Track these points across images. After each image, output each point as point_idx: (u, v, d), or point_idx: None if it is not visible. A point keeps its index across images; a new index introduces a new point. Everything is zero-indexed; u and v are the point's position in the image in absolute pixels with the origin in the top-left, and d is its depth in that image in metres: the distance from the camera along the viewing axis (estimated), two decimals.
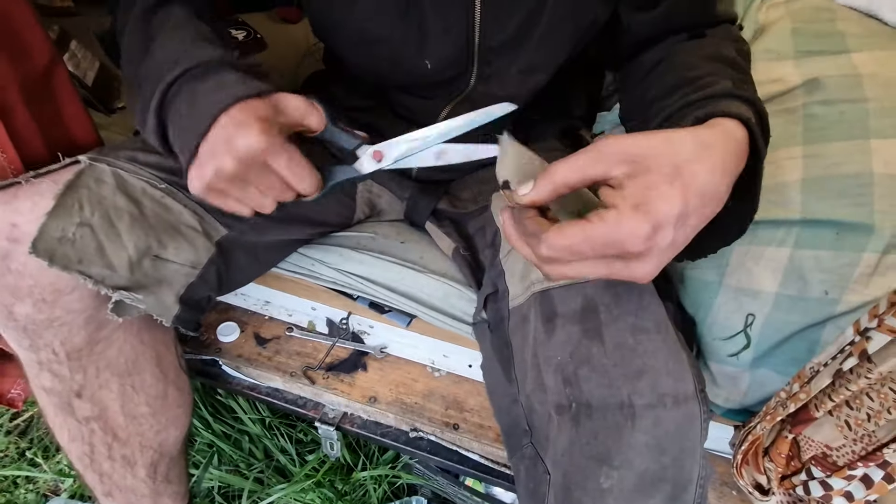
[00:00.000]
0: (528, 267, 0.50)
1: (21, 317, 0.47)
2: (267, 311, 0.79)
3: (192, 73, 0.40)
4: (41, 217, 0.44)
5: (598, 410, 0.42)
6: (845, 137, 0.49)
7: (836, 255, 0.45)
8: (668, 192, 0.30)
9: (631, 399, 0.41)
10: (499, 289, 0.55)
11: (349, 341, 0.76)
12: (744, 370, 0.52)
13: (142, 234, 0.48)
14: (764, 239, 0.50)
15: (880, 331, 0.32)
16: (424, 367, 0.75)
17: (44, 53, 0.50)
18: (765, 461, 0.47)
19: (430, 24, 0.51)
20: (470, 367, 0.74)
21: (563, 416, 0.45)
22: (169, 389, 0.62)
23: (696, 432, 0.42)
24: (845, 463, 0.40)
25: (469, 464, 0.69)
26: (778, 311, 0.48)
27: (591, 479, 0.43)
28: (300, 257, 0.68)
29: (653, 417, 0.41)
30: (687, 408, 0.41)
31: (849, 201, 0.45)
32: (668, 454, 0.41)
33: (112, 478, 0.61)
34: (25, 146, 0.50)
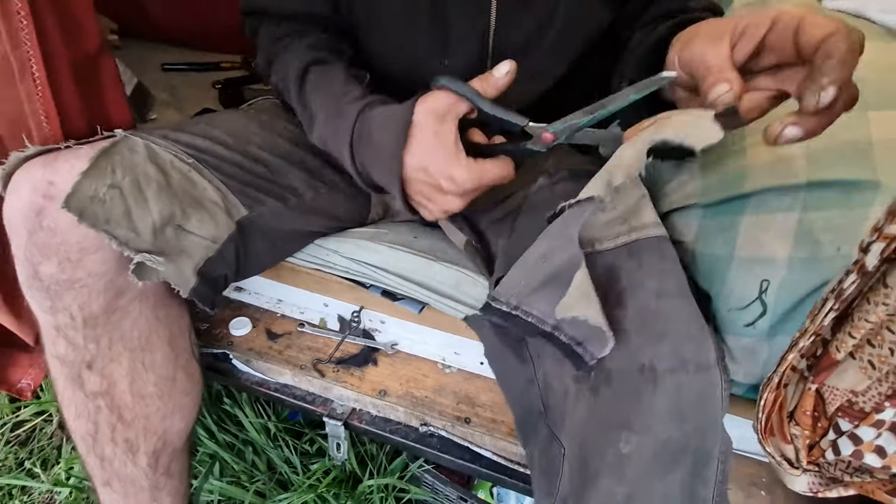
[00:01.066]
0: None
1: (46, 276, 0.49)
2: (279, 308, 0.80)
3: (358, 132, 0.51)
4: (76, 177, 0.46)
5: (617, 376, 0.42)
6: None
7: (845, 213, 0.46)
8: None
9: (652, 363, 0.40)
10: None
11: (360, 337, 0.75)
12: (761, 340, 0.51)
13: (167, 202, 0.50)
14: (772, 207, 0.51)
15: (878, 240, 0.33)
16: (435, 363, 0.74)
17: (95, 40, 0.55)
18: (790, 427, 0.45)
19: (453, 29, 0.56)
20: (481, 364, 0.73)
21: (582, 386, 0.44)
22: (178, 373, 0.61)
23: (717, 401, 0.41)
24: (872, 407, 0.39)
25: (482, 462, 0.66)
26: (792, 274, 0.48)
27: (611, 446, 0.41)
28: (315, 248, 0.69)
29: (675, 382, 0.40)
30: (709, 374, 0.41)
31: (852, 164, 0.47)
32: (689, 422, 0.40)
33: (113, 464, 0.60)
34: (69, 120, 0.54)
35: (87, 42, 0.54)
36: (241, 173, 0.57)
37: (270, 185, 0.59)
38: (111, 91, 0.60)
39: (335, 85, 0.55)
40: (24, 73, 0.50)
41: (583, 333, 0.40)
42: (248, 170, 0.58)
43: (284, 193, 0.60)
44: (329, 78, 0.56)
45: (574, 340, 0.41)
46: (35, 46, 0.49)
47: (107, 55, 0.57)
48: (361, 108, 0.51)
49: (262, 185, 0.58)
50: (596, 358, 0.40)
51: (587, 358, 0.40)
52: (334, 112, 0.53)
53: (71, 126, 0.55)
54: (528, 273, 0.44)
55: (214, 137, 0.58)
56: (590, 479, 0.41)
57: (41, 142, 0.53)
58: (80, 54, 0.54)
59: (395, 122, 0.48)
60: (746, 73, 0.40)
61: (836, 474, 0.47)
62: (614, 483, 0.41)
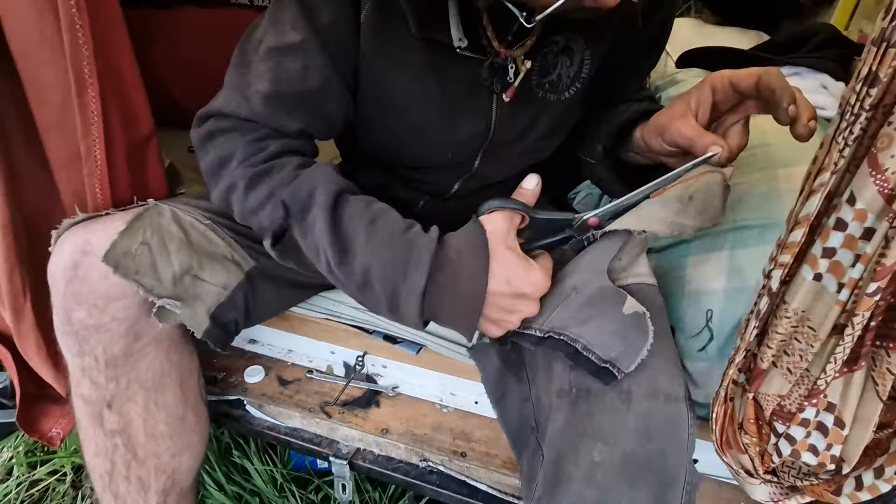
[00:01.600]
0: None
1: (76, 321, 0.56)
2: (289, 357, 0.87)
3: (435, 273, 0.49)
4: (111, 236, 0.55)
5: (596, 394, 0.49)
6: (759, 169, 0.63)
7: (763, 248, 0.55)
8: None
9: (630, 388, 0.47)
10: None
11: (363, 381, 0.82)
12: (713, 362, 0.59)
13: (186, 255, 0.58)
14: (709, 247, 0.61)
15: (776, 268, 0.42)
16: (433, 404, 0.80)
17: (146, 127, 0.67)
18: (742, 437, 0.52)
19: (460, 130, 0.62)
20: (476, 404, 0.79)
21: (562, 400, 0.51)
22: (188, 413, 0.68)
23: (682, 431, 0.47)
24: (797, 408, 0.46)
25: (479, 496, 0.71)
26: (728, 302, 0.57)
27: (584, 454, 0.48)
28: (321, 299, 0.78)
29: (646, 406, 0.47)
30: (677, 407, 0.48)
31: (765, 210, 0.58)
32: (654, 442, 0.47)
33: (126, 502, 0.65)
34: (117, 193, 0.64)
35: (141, 129, 0.66)
36: (250, 232, 0.64)
37: None
38: (153, 169, 0.71)
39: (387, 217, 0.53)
40: (89, 156, 0.60)
41: (616, 351, 0.46)
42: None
43: None
44: (374, 209, 0.53)
45: (601, 359, 0.47)
46: (101, 134, 0.60)
47: (154, 139, 0.69)
48: (436, 238, 0.51)
49: None
50: (624, 372, 0.46)
51: (616, 372, 0.46)
52: (399, 243, 0.50)
53: (118, 197, 0.65)
54: (561, 302, 0.51)
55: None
56: (563, 482, 0.47)
57: (93, 210, 0.63)
58: (133, 139, 0.65)
59: (473, 247, 0.50)
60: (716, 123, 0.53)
61: (791, 481, 0.53)
62: (585, 487, 0.47)
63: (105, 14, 0.57)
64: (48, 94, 0.57)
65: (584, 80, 0.64)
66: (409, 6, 0.51)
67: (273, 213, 0.54)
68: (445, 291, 0.50)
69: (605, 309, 0.49)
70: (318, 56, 0.54)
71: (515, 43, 0.58)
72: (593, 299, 0.50)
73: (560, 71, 0.63)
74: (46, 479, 0.99)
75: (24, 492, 0.97)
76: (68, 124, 0.59)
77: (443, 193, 0.74)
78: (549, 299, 0.52)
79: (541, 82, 0.63)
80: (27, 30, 0.53)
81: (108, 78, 0.58)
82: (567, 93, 0.65)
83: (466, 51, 0.55)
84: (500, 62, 0.58)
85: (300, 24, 0.54)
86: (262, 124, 0.56)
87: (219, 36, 1.27)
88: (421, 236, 0.51)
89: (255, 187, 0.54)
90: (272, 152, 0.55)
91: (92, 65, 0.54)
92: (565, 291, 0.52)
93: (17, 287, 0.63)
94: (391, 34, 0.55)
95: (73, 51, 0.53)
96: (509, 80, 0.60)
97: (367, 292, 0.52)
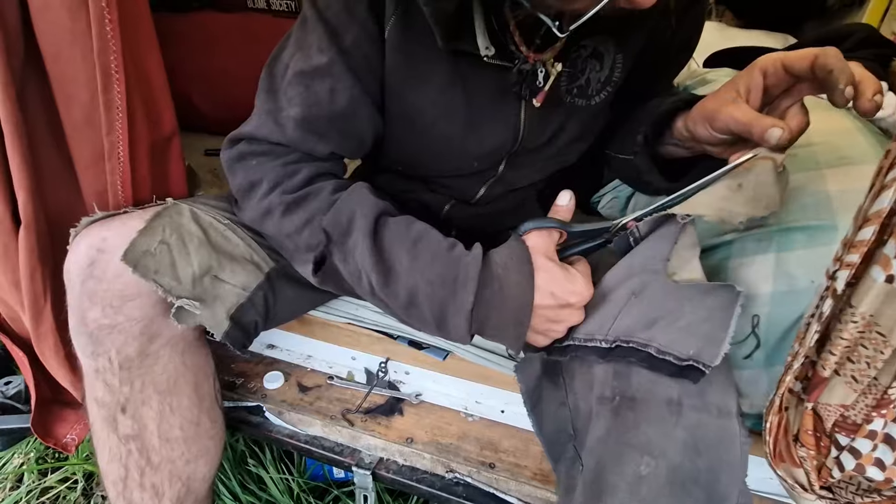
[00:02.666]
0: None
1: (91, 321, 0.55)
2: (309, 363, 0.85)
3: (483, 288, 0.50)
4: (129, 234, 0.54)
5: (642, 403, 0.46)
6: (802, 170, 0.60)
7: (812, 251, 0.53)
8: None
9: (680, 398, 0.45)
10: None
11: (385, 389, 0.80)
12: (760, 370, 0.56)
13: (206, 255, 0.57)
14: (752, 250, 0.58)
15: (842, 269, 0.39)
16: (458, 412, 0.78)
17: (170, 125, 0.66)
18: (797, 449, 0.49)
19: (485, 134, 0.61)
20: (502, 413, 0.76)
21: (604, 407, 0.48)
22: (202, 417, 0.66)
23: (735, 449, 0.44)
24: (863, 419, 0.43)
25: None
26: (776, 307, 0.54)
27: (629, 465, 0.45)
28: (344, 303, 0.76)
29: (696, 419, 0.44)
30: (730, 422, 0.45)
31: (813, 212, 0.55)
32: (704, 458, 0.44)
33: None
34: (138, 191, 0.63)
35: (164, 127, 0.65)
36: None
37: None
38: (175, 168, 0.70)
39: (429, 237, 0.53)
40: (112, 153, 0.59)
41: (693, 347, 0.44)
42: None
43: None
44: (414, 230, 0.53)
45: (680, 358, 0.44)
46: (125, 132, 0.59)
47: (176, 138, 0.68)
48: (480, 255, 0.51)
49: None
50: (710, 367, 0.43)
51: (702, 367, 0.43)
52: (445, 262, 0.51)
53: (139, 196, 0.64)
54: (621, 309, 0.49)
55: None
56: (606, 494, 0.44)
57: (114, 208, 0.61)
58: (157, 137, 0.64)
59: (517, 261, 0.51)
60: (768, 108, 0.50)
61: (849, 497, 0.50)
62: (629, 499, 0.44)
63: (134, 12, 0.56)
64: (76, 92, 0.55)
65: (615, 83, 0.63)
66: (435, 19, 0.50)
67: (311, 239, 0.54)
68: (493, 306, 0.50)
69: (671, 308, 0.46)
70: (346, 77, 0.55)
71: (544, 47, 0.57)
72: (654, 301, 0.47)
73: (589, 75, 0.61)
74: (57, 486, 0.97)
75: (35, 499, 0.95)
76: (94, 123, 0.57)
77: (468, 199, 0.72)
78: (605, 308, 0.50)
79: (570, 87, 0.61)
80: (58, 28, 0.52)
81: (134, 75, 0.57)
82: (597, 97, 0.63)
83: (493, 59, 0.54)
84: (528, 67, 0.57)
85: (326, 46, 0.54)
86: (294, 148, 0.56)
87: (236, 40, 1.28)
88: (466, 255, 0.51)
89: (293, 213, 0.55)
90: (306, 176, 0.56)
91: (119, 60, 0.53)
92: (622, 298, 0.49)
93: (38, 288, 0.61)
94: (414, 49, 0.54)
95: (100, 46, 0.52)
96: (539, 84, 0.58)
97: (413, 312, 0.52)
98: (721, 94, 0.50)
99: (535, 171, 0.70)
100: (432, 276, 0.50)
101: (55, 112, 0.57)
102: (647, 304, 0.48)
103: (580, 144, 0.69)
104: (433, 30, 0.51)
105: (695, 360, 0.44)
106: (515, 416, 0.76)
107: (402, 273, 0.51)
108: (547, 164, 0.69)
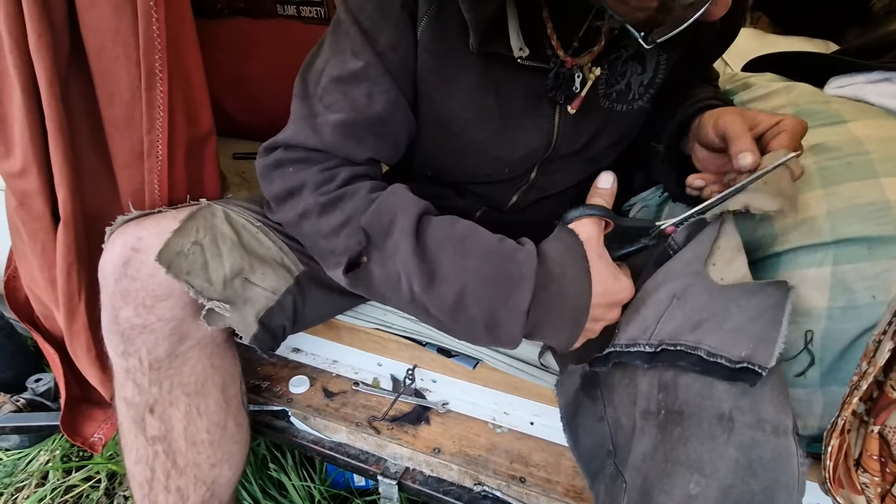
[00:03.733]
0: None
1: (123, 320, 0.55)
2: (334, 368, 0.84)
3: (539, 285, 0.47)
4: (163, 234, 0.54)
5: (690, 418, 0.43)
6: (857, 178, 0.57)
7: (874, 265, 0.50)
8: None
9: (732, 414, 0.42)
10: None
11: (412, 396, 0.78)
12: (814, 389, 0.53)
13: (238, 257, 0.57)
14: (804, 263, 0.55)
15: None
16: (486, 423, 0.76)
17: (207, 124, 0.66)
18: (859, 475, 0.46)
19: (518, 140, 0.60)
20: (531, 425, 0.74)
21: (649, 422, 0.46)
22: (229, 421, 0.65)
23: (792, 469, 0.41)
24: None
25: None
26: (833, 323, 0.51)
27: (679, 485, 0.43)
28: (372, 308, 0.75)
29: (750, 437, 0.41)
30: (786, 441, 0.42)
31: (873, 222, 0.52)
32: (759, 479, 0.41)
33: None
34: (174, 191, 0.63)
35: (202, 126, 0.65)
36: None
37: None
38: (210, 168, 0.70)
39: (479, 235, 0.50)
40: (151, 151, 0.60)
41: (745, 349, 0.42)
42: None
43: None
44: (460, 228, 0.51)
45: (732, 361, 0.42)
46: (165, 131, 0.59)
47: (212, 138, 0.68)
48: (535, 252, 0.49)
49: None
50: (767, 368, 0.41)
51: (758, 369, 0.41)
52: (497, 260, 0.48)
53: (174, 196, 0.64)
54: (663, 312, 0.46)
55: None
56: None
57: (149, 208, 0.62)
58: (194, 136, 0.65)
59: (575, 259, 0.48)
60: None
61: None
62: None
63: (177, 11, 0.56)
64: (117, 91, 0.56)
65: (658, 85, 0.61)
66: (474, 20, 0.49)
67: (349, 240, 0.52)
68: (551, 307, 0.47)
69: (717, 309, 0.44)
70: (383, 81, 0.54)
71: (582, 50, 0.55)
72: (699, 303, 0.45)
73: (629, 79, 0.60)
74: (81, 485, 0.97)
75: (60, 497, 0.95)
76: (134, 121, 0.58)
77: (500, 206, 0.71)
78: (646, 311, 0.48)
79: (607, 92, 0.60)
80: (103, 26, 0.52)
81: (176, 74, 0.57)
82: (639, 101, 0.61)
83: (528, 60, 0.53)
84: (565, 71, 0.55)
85: (360, 49, 0.53)
86: (332, 154, 0.55)
87: (268, 46, 1.29)
88: (519, 251, 0.49)
89: (330, 213, 0.53)
90: (344, 179, 0.54)
91: (164, 59, 0.53)
92: (664, 301, 0.47)
93: (74, 286, 0.61)
94: (446, 51, 0.53)
95: (146, 45, 0.52)
96: (575, 89, 0.57)
97: (461, 316, 0.49)
98: (740, 109, 0.54)
99: (569, 176, 0.68)
100: (484, 275, 0.47)
101: (96, 111, 0.57)
102: (690, 307, 0.46)
103: (615, 149, 0.67)
104: (471, 34, 0.50)
105: (748, 361, 0.41)
106: (545, 428, 0.73)
107: (449, 273, 0.48)
108: (581, 168, 0.68)
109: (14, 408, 0.84)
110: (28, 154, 0.55)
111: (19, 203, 0.59)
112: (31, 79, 0.52)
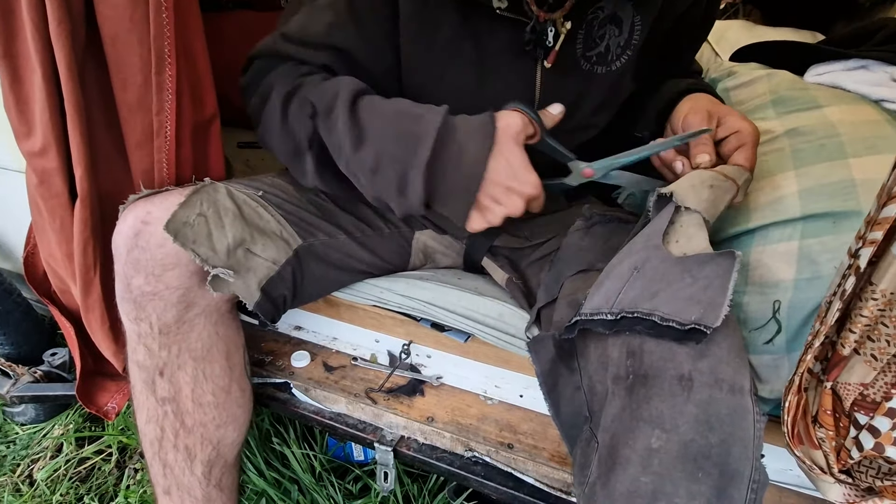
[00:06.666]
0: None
1: (135, 288, 0.59)
2: (334, 345, 0.88)
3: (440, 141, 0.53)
4: (171, 208, 0.58)
5: (654, 379, 0.46)
6: (828, 159, 0.61)
7: (837, 238, 0.53)
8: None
9: (691, 374, 0.45)
10: (557, 297, 0.63)
11: (407, 371, 0.82)
12: (781, 355, 0.57)
13: (240, 228, 0.61)
14: (774, 238, 0.59)
15: (865, 246, 0.40)
16: (478, 395, 0.79)
17: (212, 107, 0.70)
18: (816, 431, 0.50)
19: (500, 91, 0.64)
20: (521, 397, 0.78)
21: (619, 386, 0.49)
22: (233, 386, 0.69)
23: (748, 425, 0.44)
24: (882, 396, 0.43)
25: (524, 489, 0.69)
26: (799, 293, 0.55)
27: (641, 439, 0.46)
28: (370, 287, 0.79)
29: (707, 395, 0.44)
30: (742, 399, 0.44)
31: (839, 198, 0.56)
32: (715, 434, 0.44)
33: (174, 471, 0.67)
34: (181, 170, 0.67)
35: (207, 109, 0.69)
36: (298, 211, 0.69)
37: (322, 223, 0.71)
38: (214, 150, 0.74)
39: (401, 103, 0.57)
40: (160, 131, 0.63)
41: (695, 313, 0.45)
42: (304, 209, 0.70)
43: (334, 230, 0.71)
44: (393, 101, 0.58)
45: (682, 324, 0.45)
46: (173, 112, 0.63)
47: (216, 120, 0.72)
48: (444, 112, 0.54)
49: (315, 221, 0.70)
50: (712, 328, 0.43)
51: (704, 328, 0.44)
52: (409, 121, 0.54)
53: (181, 174, 0.68)
54: (625, 283, 0.50)
55: (278, 185, 0.71)
56: (619, 466, 0.45)
57: (158, 186, 0.66)
58: (200, 118, 0.68)
59: (482, 131, 0.53)
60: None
61: (868, 481, 0.50)
62: (641, 472, 0.44)
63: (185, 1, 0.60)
64: (131, 76, 0.60)
65: (635, 47, 0.64)
66: None
67: (302, 115, 0.59)
68: (447, 167, 0.53)
69: (672, 279, 0.47)
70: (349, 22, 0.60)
71: (556, 6, 0.59)
72: (656, 274, 0.48)
73: (608, 41, 0.63)
74: (93, 457, 1.02)
75: (73, 468, 1.00)
76: (146, 104, 0.62)
77: None
78: (610, 283, 0.51)
79: (587, 55, 0.63)
80: (119, 15, 0.56)
81: (183, 58, 0.61)
82: (617, 63, 0.65)
83: (506, 12, 0.56)
84: (538, 26, 0.58)
85: None
86: (290, 56, 0.63)
87: None
88: (427, 112, 0.54)
89: (290, 103, 0.61)
90: (301, 72, 0.62)
91: (172, 45, 0.57)
92: (625, 273, 0.50)
93: (89, 261, 0.66)
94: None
95: (156, 31, 0.56)
96: (548, 44, 0.60)
97: (378, 178, 0.55)
98: (711, 103, 0.60)
99: (568, 137, 0.71)
100: (395, 133, 0.53)
101: (110, 94, 0.61)
102: (649, 278, 0.49)
103: (602, 115, 0.71)
104: None
105: (696, 323, 0.44)
106: (534, 400, 0.77)
107: (370, 137, 0.54)
108: (570, 136, 0.71)
109: (32, 378, 0.89)
110: (48, 134, 0.59)
111: (39, 181, 0.63)
112: (51, 63, 0.56)
